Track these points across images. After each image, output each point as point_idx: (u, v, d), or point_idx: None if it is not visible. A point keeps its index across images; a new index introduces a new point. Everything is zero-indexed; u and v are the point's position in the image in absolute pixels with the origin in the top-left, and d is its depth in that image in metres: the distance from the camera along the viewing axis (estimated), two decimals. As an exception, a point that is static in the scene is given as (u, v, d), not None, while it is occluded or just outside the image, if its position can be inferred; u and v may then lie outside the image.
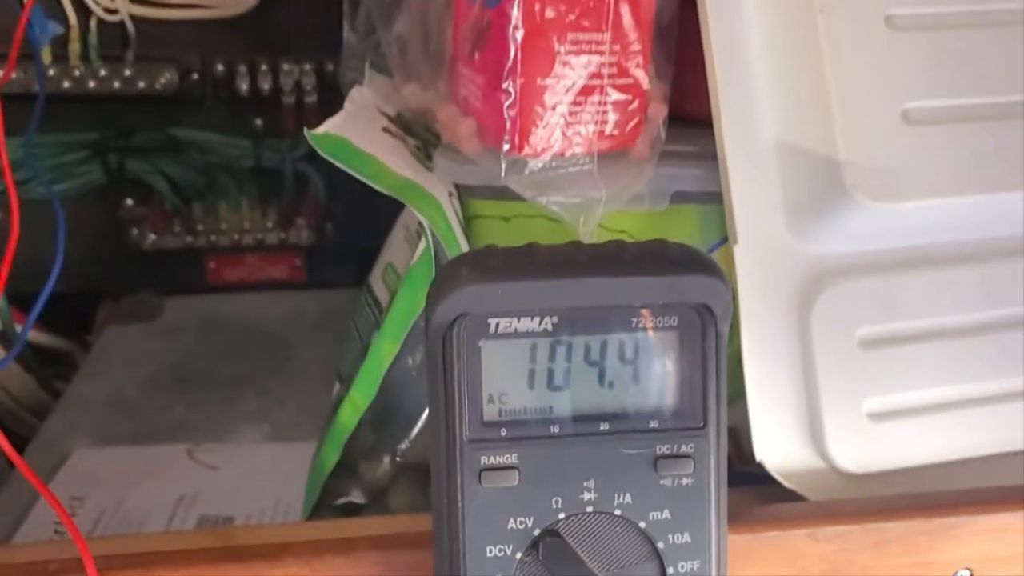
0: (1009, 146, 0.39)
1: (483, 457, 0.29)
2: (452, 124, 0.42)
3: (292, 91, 0.74)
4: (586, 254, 0.30)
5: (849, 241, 0.39)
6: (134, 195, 0.75)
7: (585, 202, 0.39)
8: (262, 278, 0.80)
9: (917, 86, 0.39)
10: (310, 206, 0.77)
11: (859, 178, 0.37)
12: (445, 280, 0.29)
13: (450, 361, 0.29)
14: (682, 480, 0.30)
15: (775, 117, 0.39)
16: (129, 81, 0.71)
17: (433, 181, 0.42)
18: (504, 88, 0.38)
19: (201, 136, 0.74)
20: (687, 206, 0.43)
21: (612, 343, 0.30)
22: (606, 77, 0.38)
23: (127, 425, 0.59)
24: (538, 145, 0.39)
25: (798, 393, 0.39)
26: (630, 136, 0.40)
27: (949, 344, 0.40)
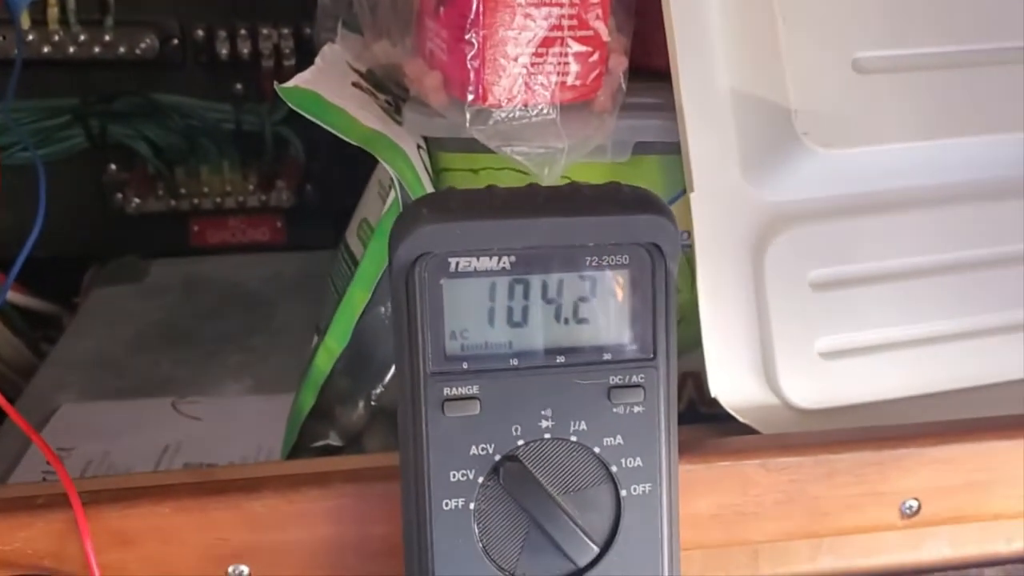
0: (956, 94, 0.41)
1: (446, 388, 0.31)
2: (419, 77, 0.43)
3: (271, 55, 0.74)
4: (543, 195, 0.32)
5: (801, 187, 0.41)
6: (117, 160, 0.76)
7: (548, 152, 0.41)
8: (244, 240, 0.81)
9: (868, 36, 0.40)
10: (290, 168, 0.78)
11: (810, 125, 0.39)
12: (406, 221, 0.31)
13: (413, 299, 0.31)
14: (634, 408, 0.32)
15: (730, 68, 0.41)
16: (109, 46, 0.72)
17: (402, 134, 0.44)
18: (467, 40, 0.39)
19: (182, 101, 0.75)
20: (649, 157, 0.44)
21: (568, 281, 0.32)
22: (567, 29, 0.40)
23: (113, 381, 0.60)
24: (501, 96, 0.40)
25: (752, 333, 0.41)
26: (592, 87, 0.42)
27: (898, 286, 0.42)
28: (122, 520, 0.35)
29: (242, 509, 0.35)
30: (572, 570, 0.32)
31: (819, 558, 0.42)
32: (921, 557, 0.42)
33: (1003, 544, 0.43)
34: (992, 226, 0.43)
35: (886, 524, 0.40)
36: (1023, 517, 0.41)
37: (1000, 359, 0.43)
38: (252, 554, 0.35)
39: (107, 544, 0.34)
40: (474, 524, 0.31)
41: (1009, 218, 0.43)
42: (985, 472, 0.40)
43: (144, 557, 0.35)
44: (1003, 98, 0.41)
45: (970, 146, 0.41)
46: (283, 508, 0.35)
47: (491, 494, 0.31)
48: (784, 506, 0.39)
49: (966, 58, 0.41)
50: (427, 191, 0.42)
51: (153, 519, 0.35)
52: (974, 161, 0.42)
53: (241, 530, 0.35)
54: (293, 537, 0.35)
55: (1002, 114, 0.41)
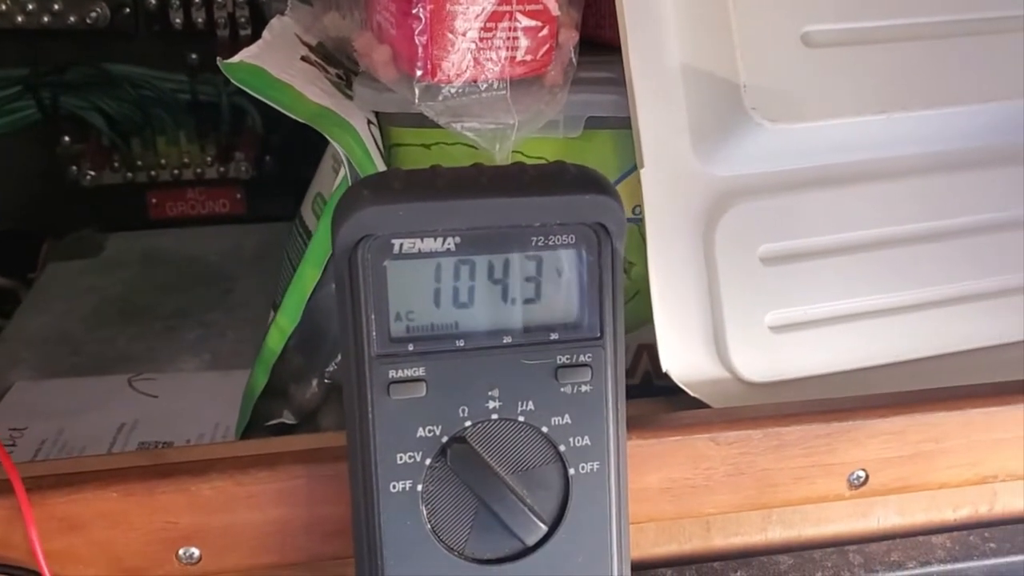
0: (904, 67, 0.41)
1: (391, 371, 0.31)
2: (368, 51, 0.43)
3: (226, 25, 0.73)
4: (487, 175, 0.31)
5: (751, 162, 0.41)
6: (71, 132, 0.75)
7: (499, 128, 0.41)
8: (203, 212, 0.80)
9: (817, 10, 0.40)
10: (248, 139, 0.77)
11: (759, 101, 0.38)
12: (348, 203, 0.30)
13: (356, 281, 0.30)
14: (581, 387, 0.32)
15: (680, 43, 0.41)
16: (59, 15, 0.70)
17: (351, 109, 0.43)
18: (414, 14, 0.39)
19: (136, 71, 0.74)
20: (602, 132, 0.44)
21: (514, 261, 0.32)
22: (515, 3, 0.39)
23: (69, 359, 0.60)
24: (450, 71, 0.40)
25: (703, 308, 0.41)
26: (542, 62, 0.41)
27: (846, 260, 0.42)
28: (68, 505, 0.34)
29: (190, 492, 0.35)
30: (521, 549, 0.32)
31: (769, 528, 0.42)
32: (869, 526, 0.43)
33: (950, 512, 0.44)
34: (938, 199, 0.43)
35: (835, 494, 0.41)
36: (969, 486, 0.42)
37: (945, 331, 0.43)
38: (202, 537, 0.35)
39: (54, 530, 0.34)
40: (422, 506, 0.31)
41: (955, 191, 0.43)
42: (931, 443, 0.40)
43: (92, 542, 0.35)
44: (950, 71, 0.41)
45: (917, 119, 0.41)
46: (232, 490, 0.35)
47: (439, 475, 0.32)
48: (734, 479, 0.39)
49: (914, 31, 0.41)
50: (377, 168, 0.42)
51: (100, 504, 0.34)
52: (924, 133, 0.42)
53: (190, 513, 0.35)
54: (243, 519, 0.35)
55: (949, 87, 0.41)
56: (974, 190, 0.43)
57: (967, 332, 0.43)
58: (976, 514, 0.44)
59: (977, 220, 0.43)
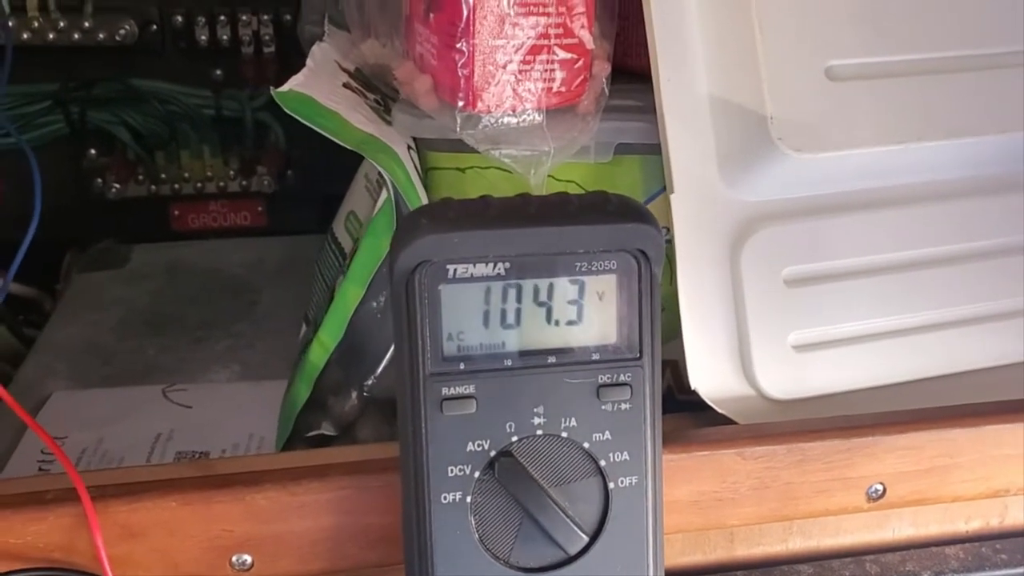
0: (923, 100, 0.43)
1: (444, 388, 0.33)
2: (409, 81, 0.44)
3: (251, 42, 0.75)
4: (535, 205, 0.33)
5: (776, 188, 0.43)
6: (97, 145, 0.77)
7: (535, 155, 0.42)
8: (225, 224, 0.82)
9: (841, 45, 0.42)
10: (271, 154, 0.79)
11: (785, 131, 0.40)
12: (407, 230, 0.32)
13: (413, 304, 0.32)
14: (621, 405, 0.34)
15: (709, 74, 0.42)
16: (88, 32, 0.72)
17: (392, 135, 0.45)
18: (458, 48, 0.40)
19: (162, 86, 0.76)
20: (631, 157, 0.46)
21: (558, 285, 0.33)
22: (553, 37, 0.41)
23: (101, 369, 0.61)
24: (490, 102, 0.41)
25: (729, 328, 0.43)
26: (576, 92, 0.43)
27: (867, 281, 0.44)
28: (129, 514, 0.36)
29: (245, 502, 0.37)
30: (563, 558, 0.34)
31: (790, 539, 0.44)
32: (886, 537, 0.45)
33: (962, 524, 0.45)
34: (957, 223, 0.45)
35: (853, 507, 0.42)
36: (981, 499, 0.44)
37: (961, 350, 0.45)
38: (255, 545, 0.37)
39: (115, 537, 0.36)
40: (471, 516, 0.33)
41: (974, 215, 0.45)
42: (946, 458, 0.42)
43: (151, 549, 0.36)
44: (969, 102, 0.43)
45: (937, 149, 0.43)
46: (284, 500, 0.37)
47: (487, 488, 0.33)
48: (758, 492, 0.41)
49: (934, 65, 0.43)
50: (418, 191, 0.44)
51: (159, 512, 0.36)
52: (941, 162, 0.44)
53: (244, 522, 0.37)
54: (295, 528, 0.37)
55: (968, 118, 0.43)
56: (990, 214, 0.45)
57: (983, 351, 0.45)
58: (988, 526, 0.46)
59: (992, 244, 0.45)
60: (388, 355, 0.47)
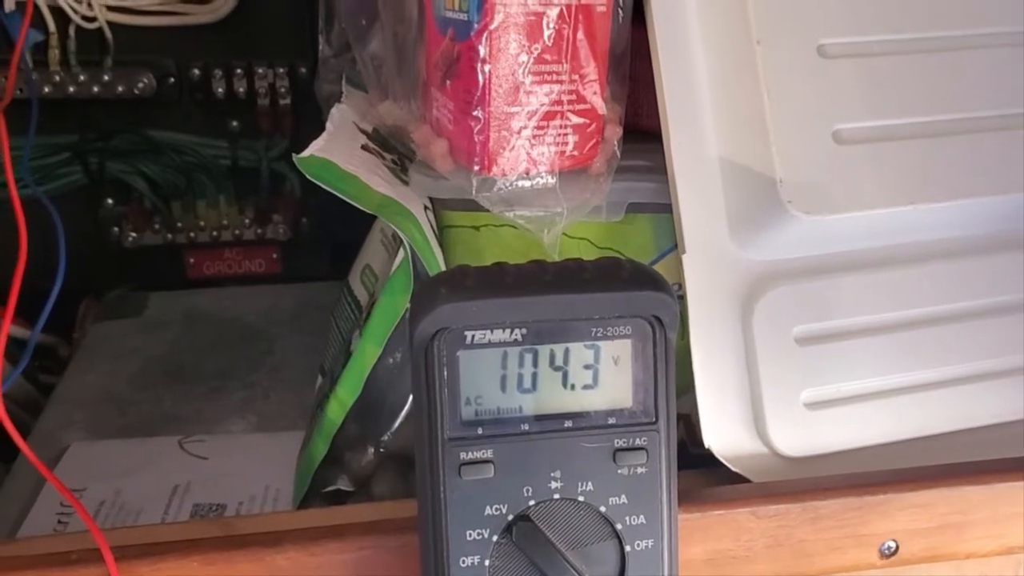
0: (928, 162, 0.43)
1: (462, 453, 0.33)
2: (426, 144, 0.45)
3: (266, 94, 0.76)
4: (550, 272, 0.34)
5: (786, 248, 0.44)
6: (114, 195, 0.78)
7: (548, 215, 0.43)
8: (240, 272, 0.83)
9: (847, 109, 0.43)
10: (286, 202, 0.80)
11: (794, 194, 0.41)
12: (425, 298, 0.33)
13: (432, 370, 0.33)
14: (637, 469, 0.34)
15: (719, 137, 0.43)
16: (108, 86, 0.74)
17: (410, 196, 0.46)
18: (474, 115, 0.41)
19: (179, 138, 0.77)
20: (642, 215, 0.47)
21: (574, 350, 0.34)
22: (566, 104, 0.42)
23: (119, 419, 0.62)
24: (505, 166, 0.42)
25: (741, 386, 0.43)
26: (589, 155, 0.44)
27: (877, 340, 0.45)
28: (153, 574, 0.36)
29: (265, 562, 0.37)
30: (581, 620, 0.34)
31: (804, 596, 0.44)
32: (899, 594, 0.45)
33: (975, 580, 0.46)
34: (963, 281, 0.46)
35: (866, 564, 0.43)
36: (995, 556, 0.44)
37: (973, 406, 0.46)
38: (276, 604, 0.37)
39: (139, 598, 0.36)
40: (490, 580, 0.34)
41: (978, 274, 0.46)
42: (959, 515, 0.42)
43: (174, 609, 0.37)
44: (972, 164, 0.44)
45: (942, 209, 0.44)
46: (304, 560, 0.37)
47: (505, 551, 0.34)
48: (772, 550, 0.41)
49: (938, 127, 0.44)
50: (434, 250, 0.45)
51: (182, 573, 0.37)
52: (946, 222, 0.45)
53: (265, 582, 0.37)
54: (314, 588, 0.38)
55: (971, 179, 0.44)
56: (994, 273, 0.46)
57: (994, 407, 0.45)
58: (1001, 583, 0.46)
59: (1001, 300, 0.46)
60: (405, 410, 0.48)
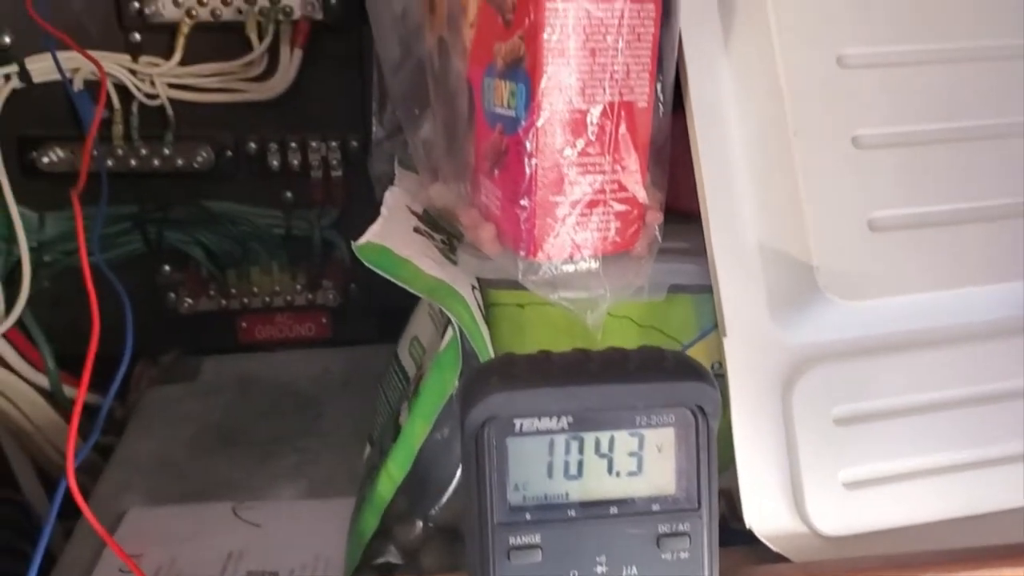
0: (963, 247, 0.45)
1: (511, 538, 0.35)
2: (474, 227, 0.47)
3: (319, 166, 0.79)
4: (595, 362, 0.36)
5: (824, 331, 0.45)
6: (172, 262, 0.81)
7: (592, 297, 0.45)
8: (290, 336, 0.85)
9: (881, 197, 0.44)
10: (336, 269, 0.83)
11: (830, 280, 0.42)
12: (476, 387, 0.35)
13: (482, 457, 0.35)
14: (680, 554, 0.35)
15: (757, 223, 0.45)
16: (168, 159, 0.77)
17: (458, 276, 0.48)
18: (521, 204, 0.43)
19: (234, 208, 0.80)
20: (683, 295, 0.48)
21: (619, 438, 0.35)
22: (608, 193, 0.44)
23: (175, 484, 0.64)
24: (550, 251, 0.44)
25: (781, 466, 0.44)
26: (630, 240, 0.46)
27: (914, 420, 0.45)
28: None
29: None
30: None
31: (846, 674, 0.45)
32: (943, 674, 0.45)
33: (1019, 661, 0.46)
34: (1003, 362, 0.47)
35: (908, 643, 0.43)
36: (1037, 638, 0.44)
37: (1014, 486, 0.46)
38: None
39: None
40: (538, 662, 0.35)
41: (1018, 354, 0.47)
42: (1000, 596, 0.43)
43: None
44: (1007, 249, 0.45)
45: (980, 293, 0.45)
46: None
47: (552, 633, 0.35)
48: (814, 629, 0.42)
49: (973, 213, 0.45)
50: (481, 330, 0.46)
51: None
52: (983, 305, 0.46)
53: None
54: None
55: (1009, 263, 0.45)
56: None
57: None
58: (1047, 666, 0.46)
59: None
60: (453, 484, 0.49)
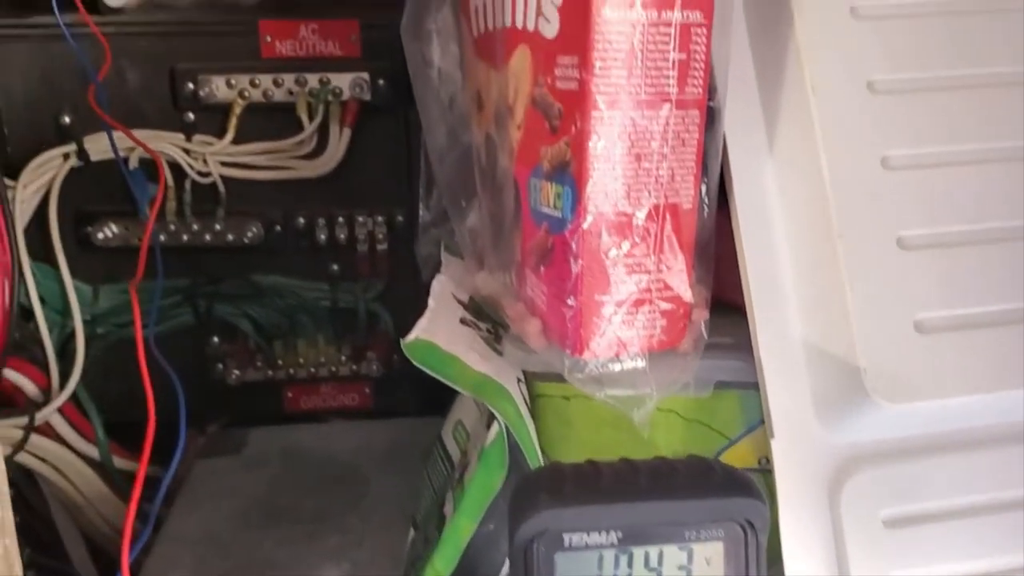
0: (1012, 348, 0.44)
1: (559, 652, 0.35)
2: (520, 321, 0.48)
3: (366, 240, 0.81)
4: (643, 475, 0.36)
5: (872, 431, 0.45)
6: (220, 333, 0.82)
7: (638, 395, 0.45)
8: (334, 405, 0.87)
9: (928, 298, 0.44)
10: (380, 340, 0.84)
11: (877, 382, 0.42)
12: (526, 502, 0.35)
13: (531, 570, 0.35)
14: (730, 666, 0.35)
15: (803, 322, 0.45)
16: (219, 234, 0.79)
17: (504, 368, 0.48)
18: (567, 303, 0.44)
19: (282, 281, 0.81)
20: (729, 391, 0.49)
21: (668, 552, 0.36)
22: (654, 292, 0.45)
23: (221, 562, 0.65)
24: (596, 350, 0.45)
25: (830, 567, 0.44)
26: (676, 337, 0.46)
27: (965, 522, 0.45)
28: None
29: None
30: None
31: None
32: None
33: None
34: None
35: None
36: None
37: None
38: None
39: None
40: None
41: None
42: None
43: None
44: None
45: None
46: None
47: None
48: None
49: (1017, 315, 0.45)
50: (528, 425, 0.47)
51: None
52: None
53: None
54: None
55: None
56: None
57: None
58: None
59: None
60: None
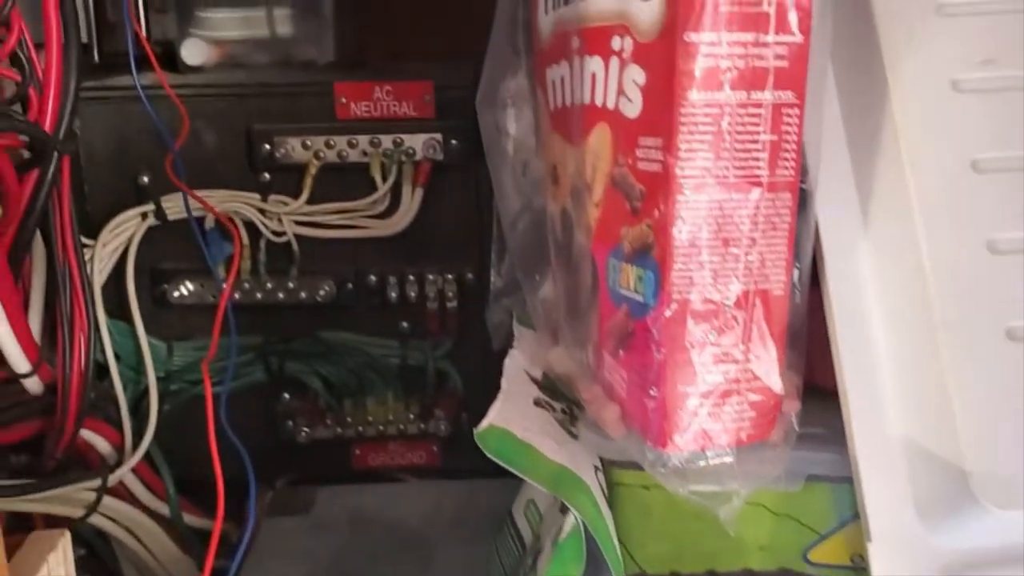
0: None
1: None
2: (597, 405, 0.46)
3: (435, 298, 0.80)
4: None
5: (979, 537, 0.41)
6: (291, 390, 0.82)
7: (724, 490, 0.43)
8: (402, 463, 0.85)
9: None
10: (448, 399, 0.82)
11: (986, 487, 0.39)
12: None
13: None
14: None
15: (901, 416, 0.42)
16: (292, 292, 0.79)
17: (580, 456, 0.46)
18: (650, 394, 0.42)
19: (352, 339, 0.81)
20: (820, 484, 0.46)
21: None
22: (743, 382, 0.42)
23: (290, 630, 0.64)
24: (680, 443, 0.42)
25: None
26: (766, 429, 0.44)
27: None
28: None
29: None
30: None
31: None
32: None
33: None
34: None
35: None
36: None
37: None
38: None
39: None
40: None
41: None
42: None
43: None
44: None
45: None
46: None
47: None
48: None
49: None
50: (606, 520, 0.45)
51: None
52: None
53: None
54: None
55: None
56: None
57: None
58: None
59: None
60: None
